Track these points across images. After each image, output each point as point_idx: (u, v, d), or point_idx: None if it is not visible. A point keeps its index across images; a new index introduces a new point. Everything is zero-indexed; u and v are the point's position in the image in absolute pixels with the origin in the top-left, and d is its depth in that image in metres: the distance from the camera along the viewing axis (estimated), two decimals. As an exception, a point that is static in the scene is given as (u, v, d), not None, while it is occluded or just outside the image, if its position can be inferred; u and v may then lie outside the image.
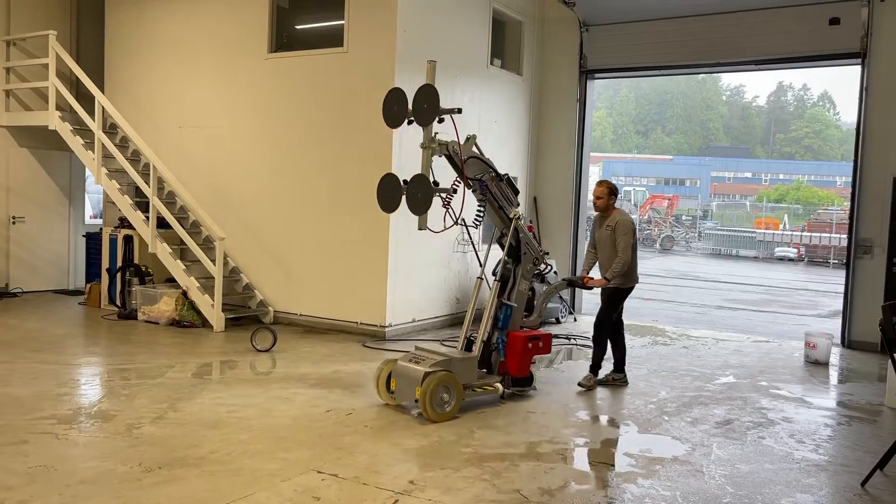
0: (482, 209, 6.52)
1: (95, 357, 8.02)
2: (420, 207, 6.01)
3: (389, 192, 6.09)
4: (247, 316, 9.97)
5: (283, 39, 10.23)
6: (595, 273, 7.38)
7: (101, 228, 11.28)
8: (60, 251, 12.33)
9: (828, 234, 28.55)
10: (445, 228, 6.40)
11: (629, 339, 9.99)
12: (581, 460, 5.25)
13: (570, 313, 11.46)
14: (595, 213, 7.42)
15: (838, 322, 10.54)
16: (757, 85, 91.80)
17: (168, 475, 4.50)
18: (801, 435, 5.96)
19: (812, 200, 44.70)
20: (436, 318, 10.18)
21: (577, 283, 7.31)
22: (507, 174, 6.71)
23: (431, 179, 6.03)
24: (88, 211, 13.82)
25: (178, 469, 4.61)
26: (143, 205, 10.25)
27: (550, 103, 12.09)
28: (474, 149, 6.43)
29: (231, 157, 10.49)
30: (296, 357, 8.05)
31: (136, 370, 7.23)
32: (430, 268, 10.07)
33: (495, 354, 6.49)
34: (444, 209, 6.24)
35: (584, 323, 11.19)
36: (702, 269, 24.16)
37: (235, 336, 9.01)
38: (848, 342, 10.00)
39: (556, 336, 9.84)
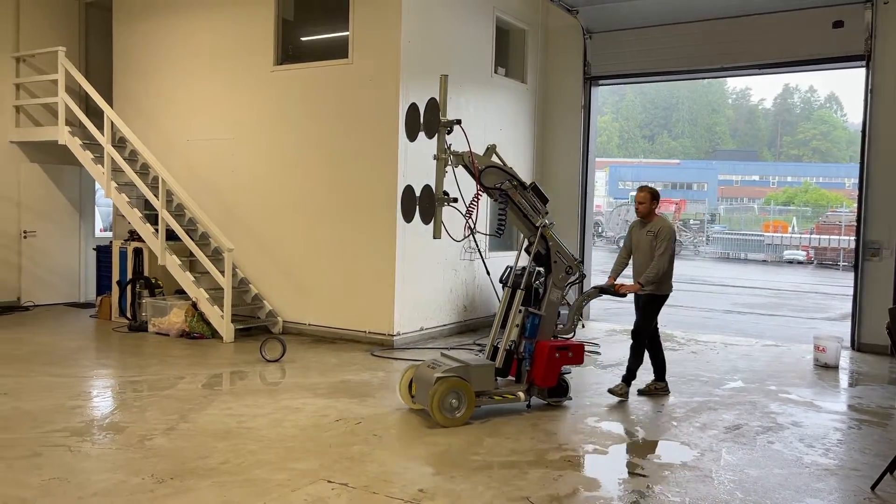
0: (504, 218, 6.58)
1: (107, 369, 8.08)
2: (425, 216, 6.23)
3: (407, 203, 6.39)
4: (256, 326, 10.03)
5: (289, 52, 10.31)
6: (626, 279, 7.28)
7: (111, 241, 11.38)
8: (71, 264, 12.44)
9: (837, 237, 28.41)
10: (465, 237, 6.50)
11: (637, 345, 10.00)
12: (590, 467, 5.25)
13: (578, 319, 11.43)
14: (635, 219, 7.34)
15: (848, 325, 10.50)
16: (763, 88, 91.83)
17: (180, 486, 4.54)
18: (811, 439, 5.95)
19: (820, 203, 44.53)
20: (444, 325, 10.21)
21: (608, 290, 7.16)
22: (533, 182, 6.71)
23: (443, 190, 6.20)
24: (98, 224, 13.92)
25: (190, 480, 4.65)
26: (152, 217, 10.34)
27: (555, 110, 12.13)
28: (494, 158, 6.52)
29: (238, 169, 10.57)
30: (305, 367, 8.09)
31: (147, 382, 7.29)
32: (438, 276, 10.11)
33: (524, 363, 6.46)
34: (466, 218, 6.30)
35: (592, 329, 11.21)
36: (710, 273, 24.11)
37: (245, 347, 9.07)
38: (858, 345, 9.97)
39: (565, 343, 9.84)
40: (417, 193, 6.34)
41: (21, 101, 11.62)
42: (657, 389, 7.26)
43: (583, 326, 11.33)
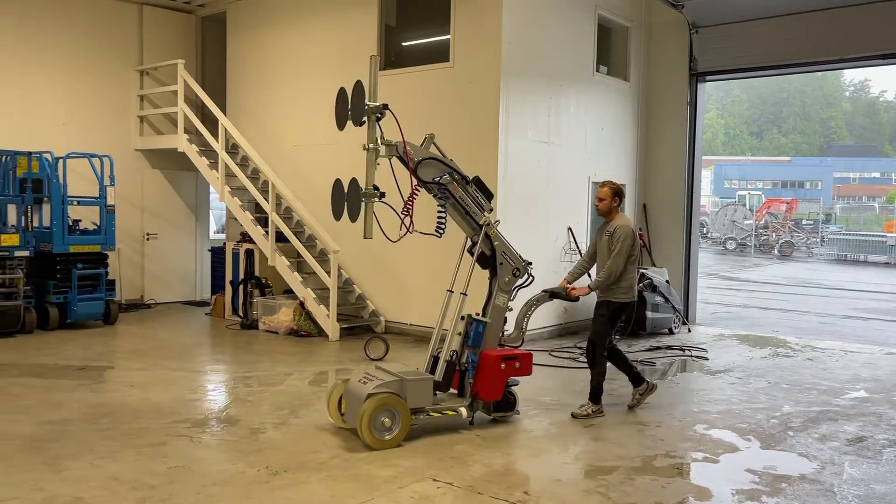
0: (443, 215, 5.96)
1: (222, 365, 8.50)
2: (352, 213, 5.81)
3: (336, 199, 5.91)
4: (359, 326, 10.28)
5: (392, 57, 10.52)
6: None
7: (224, 243, 11.95)
8: (188, 265, 13.16)
9: (970, 237, 26.27)
10: (401, 237, 5.96)
11: (748, 350, 9.63)
12: (700, 475, 5.09)
13: (684, 323, 11.11)
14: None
15: None
16: (884, 79, 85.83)
17: (293, 479, 4.72)
18: (945, 455, 5.54)
19: (951, 201, 41.28)
20: (543, 328, 10.14)
21: (560, 294, 6.50)
22: (476, 176, 6.09)
23: (373, 184, 5.71)
24: (212, 227, 14.64)
25: (302, 473, 4.82)
26: (262, 220, 10.78)
27: (659, 108, 11.82)
28: (433, 149, 5.95)
29: (343, 172, 10.80)
30: (407, 366, 8.20)
31: (258, 378, 7.61)
32: (538, 278, 10.01)
33: (467, 375, 5.85)
34: (402, 217, 5.76)
35: (699, 333, 10.85)
36: (825, 275, 22.80)
37: (349, 345, 9.32)
38: None
39: (670, 347, 9.58)
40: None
41: (145, 111, 12.40)
42: (593, 413, 6.31)
43: (689, 331, 10.98)
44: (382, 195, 5.74)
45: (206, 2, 12.55)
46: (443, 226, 5.97)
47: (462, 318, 5.92)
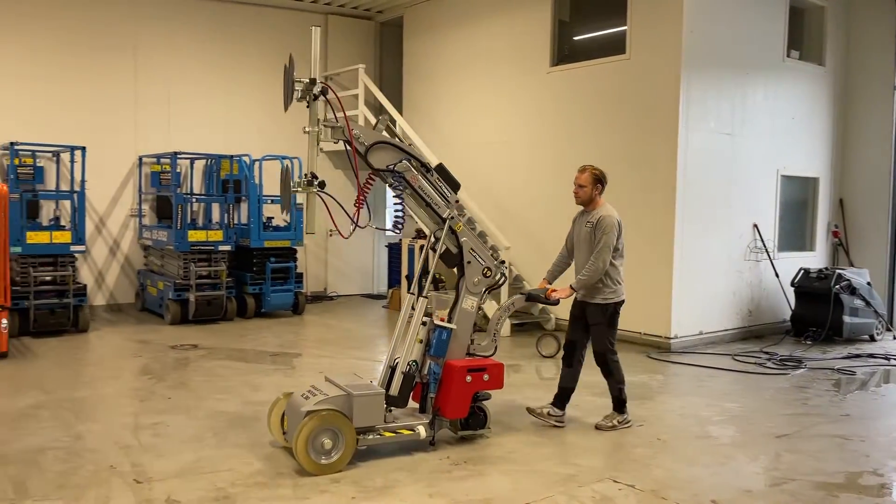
0: (401, 208, 5.38)
1: (399, 356, 8.85)
2: (284, 204, 5.32)
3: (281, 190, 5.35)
4: (530, 322, 10.30)
5: (565, 52, 10.42)
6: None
7: (400, 240, 12.43)
8: (366, 260, 13.85)
9: None
10: (351, 233, 5.47)
11: (969, 363, 8.57)
12: (915, 499, 4.60)
13: (888, 329, 10.07)
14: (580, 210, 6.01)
15: None
16: None
17: (473, 470, 4.82)
18: None
19: None
20: (725, 331, 9.61)
21: (539, 297, 5.83)
22: (440, 164, 5.46)
23: (311, 172, 5.14)
24: (389, 223, 15.25)
25: (481, 465, 4.91)
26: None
27: (860, 94, 10.80)
28: (387, 133, 5.29)
29: (514, 170, 10.93)
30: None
31: (434, 370, 7.83)
32: (719, 277, 9.54)
33: (428, 388, 5.22)
34: (356, 208, 5.14)
35: (906, 342, 9.80)
36: None
37: (520, 341, 9.35)
38: None
39: (872, 355, 8.73)
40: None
41: (329, 114, 13.16)
42: (551, 416, 5.83)
43: (893, 338, 9.93)
44: (322, 185, 5.13)
45: (384, 8, 13.12)
46: (400, 221, 5.46)
47: (423, 323, 5.28)
